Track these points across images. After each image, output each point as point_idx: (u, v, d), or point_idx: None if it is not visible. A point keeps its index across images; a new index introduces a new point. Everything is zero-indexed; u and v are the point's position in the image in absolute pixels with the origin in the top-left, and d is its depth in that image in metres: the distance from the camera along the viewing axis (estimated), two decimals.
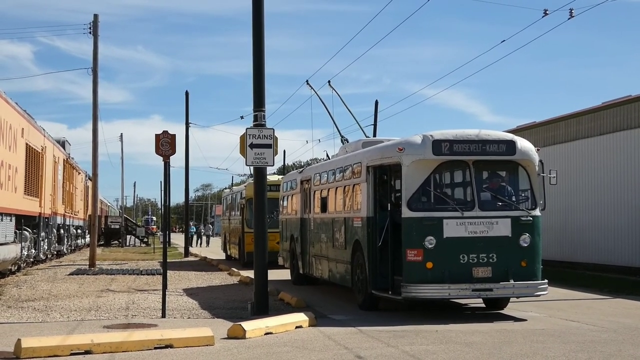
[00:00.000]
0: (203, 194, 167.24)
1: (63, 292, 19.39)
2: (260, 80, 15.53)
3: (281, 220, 24.65)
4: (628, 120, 25.33)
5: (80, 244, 47.96)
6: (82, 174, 47.40)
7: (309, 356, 10.37)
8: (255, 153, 15.20)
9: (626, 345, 11.21)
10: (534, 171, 14.74)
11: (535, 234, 14.42)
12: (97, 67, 32.61)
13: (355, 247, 16.04)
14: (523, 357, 10.24)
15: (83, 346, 10.53)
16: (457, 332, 12.41)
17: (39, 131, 28.36)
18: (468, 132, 14.56)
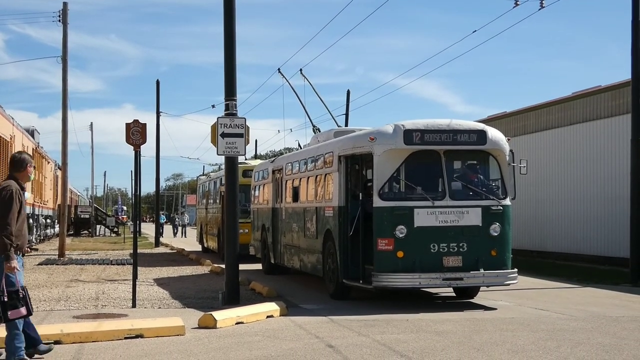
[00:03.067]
0: (174, 183, 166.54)
1: (32, 282, 19.22)
2: (232, 69, 15.46)
3: (253, 210, 24.59)
4: (597, 111, 25.54)
5: (50, 233, 47.59)
6: (51, 163, 47.00)
7: (280, 345, 10.37)
8: (226, 142, 15.12)
9: (594, 334, 11.32)
10: (505, 161, 14.81)
11: (506, 223, 14.50)
12: (66, 55, 32.29)
13: (326, 237, 16.05)
14: (493, 345, 10.31)
15: (52, 336, 10.44)
16: (427, 321, 12.46)
17: (7, 120, 28.07)
18: (439, 121, 14.60)
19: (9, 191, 8.92)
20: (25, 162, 9.40)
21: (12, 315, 8.79)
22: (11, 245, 8.76)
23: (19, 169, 9.35)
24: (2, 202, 8.85)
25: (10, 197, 8.88)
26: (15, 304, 8.80)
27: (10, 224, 8.79)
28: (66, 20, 32.70)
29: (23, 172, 9.36)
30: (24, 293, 8.88)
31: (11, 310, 8.77)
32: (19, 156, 9.48)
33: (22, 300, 8.84)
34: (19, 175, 9.32)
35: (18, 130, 30.88)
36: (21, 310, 8.83)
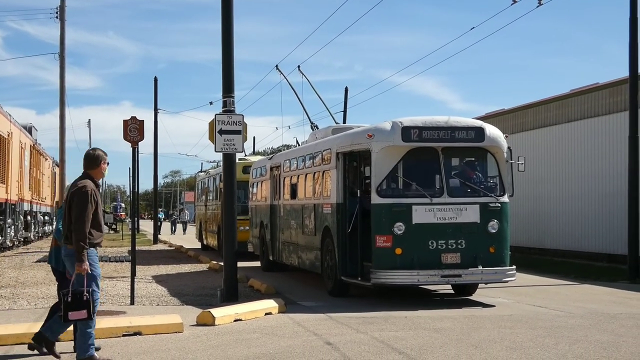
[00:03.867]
0: (172, 180, 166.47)
1: (30, 279, 19.23)
2: (230, 65, 15.44)
3: (251, 207, 24.59)
4: (595, 108, 25.56)
5: (48, 230, 47.57)
6: (49, 160, 47.00)
7: (278, 342, 10.37)
8: (224, 139, 15.11)
9: (592, 331, 11.32)
10: (503, 158, 14.82)
11: (504, 220, 14.50)
12: (64, 52, 32.28)
13: (324, 234, 16.05)
14: (491, 342, 10.32)
15: None
16: (426, 318, 12.47)
17: (5, 117, 28.07)
18: (437, 118, 14.60)
19: (84, 191, 8.96)
20: (100, 159, 9.40)
21: (72, 316, 8.86)
22: (84, 248, 8.79)
23: (93, 166, 9.38)
24: (79, 202, 8.90)
25: (86, 198, 8.92)
26: (78, 306, 8.83)
27: (85, 225, 8.84)
28: (64, 16, 32.69)
29: (97, 169, 9.39)
30: (87, 297, 8.87)
31: (72, 312, 8.82)
32: (93, 153, 9.46)
33: (85, 303, 8.85)
34: (93, 172, 9.36)
35: (15, 127, 30.87)
36: (83, 312, 8.85)
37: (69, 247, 9.00)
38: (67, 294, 8.79)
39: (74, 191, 9.02)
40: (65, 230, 9.06)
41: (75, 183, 9.19)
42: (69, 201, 9.06)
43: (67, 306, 8.79)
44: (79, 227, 8.79)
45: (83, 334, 8.96)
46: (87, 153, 9.47)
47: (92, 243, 8.96)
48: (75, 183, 9.21)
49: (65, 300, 8.79)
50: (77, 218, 8.83)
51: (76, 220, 8.83)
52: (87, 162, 9.37)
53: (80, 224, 8.81)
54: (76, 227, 8.81)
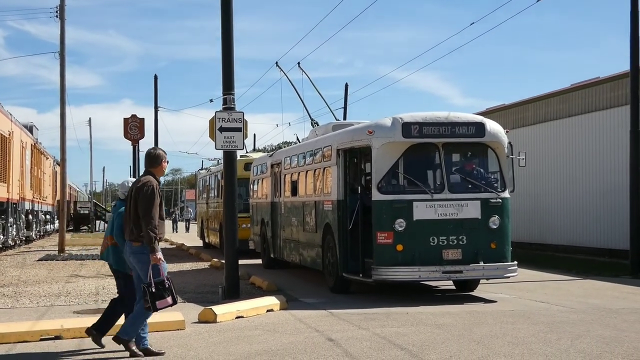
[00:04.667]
0: (173, 178, 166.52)
1: (32, 278, 19.24)
2: (229, 63, 15.43)
3: (252, 204, 24.58)
4: (596, 102, 25.54)
5: (49, 229, 47.62)
6: (50, 158, 47.00)
7: (280, 339, 10.37)
8: (224, 137, 15.10)
9: (594, 326, 11.32)
10: (503, 153, 14.80)
11: (505, 215, 14.49)
12: (64, 51, 32.25)
13: (325, 231, 16.04)
14: (493, 338, 10.31)
15: (53, 331, 10.47)
16: (427, 314, 12.47)
17: (5, 116, 28.07)
18: (437, 114, 14.59)
19: (150, 186, 9.20)
20: (161, 157, 9.62)
21: (160, 304, 9.11)
22: (156, 238, 9.05)
23: (154, 164, 9.59)
24: (145, 197, 9.13)
25: (152, 192, 9.16)
26: (162, 294, 9.11)
27: (154, 217, 9.09)
28: (63, 15, 32.65)
29: (158, 167, 9.60)
30: (169, 283, 9.17)
31: (159, 301, 9.07)
32: (154, 152, 9.66)
33: (167, 290, 9.14)
34: (154, 170, 9.57)
35: (16, 126, 30.87)
36: (167, 299, 9.14)
37: (134, 244, 9.24)
38: (149, 285, 9.03)
39: (139, 187, 9.25)
40: (130, 228, 9.28)
41: (139, 180, 9.43)
42: (134, 198, 9.25)
43: (152, 297, 9.03)
44: (148, 220, 9.06)
45: (134, 322, 9.24)
46: (148, 152, 9.69)
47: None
48: (139, 180, 9.45)
49: (150, 292, 9.02)
50: (145, 212, 9.09)
51: (145, 214, 9.08)
52: (148, 160, 9.60)
53: (148, 217, 9.06)
54: (145, 220, 9.07)
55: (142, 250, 9.17)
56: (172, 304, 9.25)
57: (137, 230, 9.20)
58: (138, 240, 9.19)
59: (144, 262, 9.19)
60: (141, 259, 9.21)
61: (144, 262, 9.19)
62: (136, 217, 9.20)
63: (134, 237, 9.24)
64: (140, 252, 9.19)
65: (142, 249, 9.18)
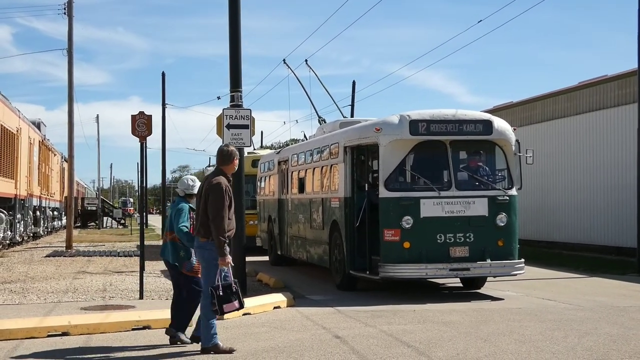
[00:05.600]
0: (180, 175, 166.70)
1: (40, 274, 19.28)
2: (237, 60, 15.43)
3: (259, 201, 24.60)
4: (604, 100, 25.47)
5: (57, 225, 47.71)
6: (58, 155, 47.07)
7: (287, 336, 10.38)
8: (232, 134, 15.12)
9: (602, 324, 11.31)
10: (511, 151, 14.78)
11: (512, 213, 14.47)
12: (72, 48, 32.31)
13: (332, 228, 16.05)
14: (500, 335, 10.31)
15: (60, 328, 10.50)
16: (434, 312, 12.47)
17: (13, 112, 28.13)
18: (445, 112, 14.57)
19: (219, 188, 9.19)
20: (233, 155, 9.62)
21: (227, 308, 9.15)
22: (225, 242, 9.05)
23: (226, 162, 9.60)
24: (214, 199, 9.14)
25: (222, 194, 9.17)
26: (229, 297, 9.12)
27: (224, 221, 9.09)
28: (71, 13, 32.72)
29: (230, 165, 9.61)
30: (236, 287, 9.18)
31: (226, 304, 9.10)
32: (226, 150, 9.65)
33: (235, 294, 9.15)
34: (225, 168, 9.58)
35: (24, 122, 30.94)
36: (235, 303, 9.17)
37: (201, 239, 9.28)
38: (217, 288, 9.05)
39: (209, 187, 9.26)
40: (198, 224, 9.34)
41: (210, 179, 9.42)
42: (204, 197, 9.28)
43: (220, 300, 9.05)
44: (217, 224, 9.06)
45: (206, 325, 9.23)
46: (220, 149, 9.69)
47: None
48: (209, 179, 9.45)
49: (217, 295, 9.04)
50: (215, 214, 9.09)
51: (214, 216, 9.08)
52: (220, 158, 9.62)
53: (218, 219, 9.07)
54: (215, 223, 9.06)
55: (206, 246, 9.21)
56: (238, 308, 9.27)
57: (203, 229, 9.23)
58: (204, 237, 9.23)
59: (205, 258, 9.26)
60: (203, 255, 9.27)
61: (205, 259, 9.26)
62: (204, 216, 9.22)
63: (200, 234, 9.30)
64: (204, 247, 9.23)
65: (206, 244, 9.21)
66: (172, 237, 9.99)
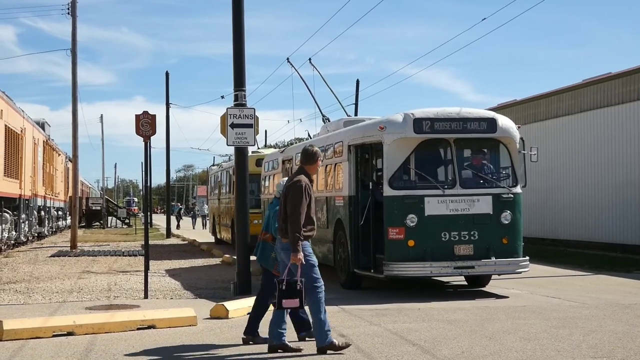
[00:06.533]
0: (185, 174, 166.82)
1: (45, 274, 19.31)
2: (241, 60, 15.44)
3: (263, 200, 24.59)
4: (608, 98, 25.43)
5: (61, 225, 47.73)
6: (62, 155, 47.12)
7: (292, 335, 10.37)
8: (236, 133, 15.14)
9: (607, 321, 11.29)
10: (515, 149, 14.77)
11: (517, 211, 14.46)
12: (76, 48, 32.33)
13: (337, 226, 16.05)
14: (505, 333, 10.30)
15: (65, 327, 10.50)
16: (439, 310, 12.46)
17: (18, 113, 28.16)
18: (449, 110, 14.56)
19: (299, 186, 9.22)
20: (317, 155, 9.63)
21: (286, 304, 9.14)
22: (300, 239, 9.07)
23: (310, 161, 9.62)
24: (294, 196, 9.18)
25: (300, 192, 9.18)
26: (291, 294, 9.11)
27: (300, 218, 9.11)
28: (75, 13, 32.74)
29: (313, 165, 9.62)
30: (300, 285, 9.15)
31: (286, 300, 9.11)
32: (311, 149, 9.67)
33: (298, 292, 9.13)
34: (309, 167, 9.61)
35: (28, 122, 30.97)
36: (295, 300, 9.14)
37: (283, 240, 9.33)
38: (282, 282, 9.09)
39: (290, 185, 9.32)
40: (280, 223, 9.39)
41: (291, 178, 9.48)
42: (284, 195, 9.35)
43: (281, 294, 9.08)
44: (294, 220, 9.10)
45: (319, 323, 9.24)
46: (305, 149, 9.72)
47: (305, 235, 9.22)
48: (291, 178, 9.51)
49: (280, 289, 9.07)
50: (292, 211, 9.13)
51: (291, 213, 9.13)
52: (304, 157, 9.65)
53: (295, 216, 9.10)
54: (292, 220, 9.11)
55: (290, 247, 9.23)
56: (298, 307, 9.21)
57: (285, 227, 9.27)
58: (287, 237, 9.25)
59: (288, 260, 9.26)
60: (288, 255, 9.27)
61: (289, 259, 9.25)
62: (285, 215, 9.28)
63: (282, 234, 9.34)
64: (289, 248, 9.24)
65: (289, 245, 9.22)
66: (265, 238, 10.06)
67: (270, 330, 9.41)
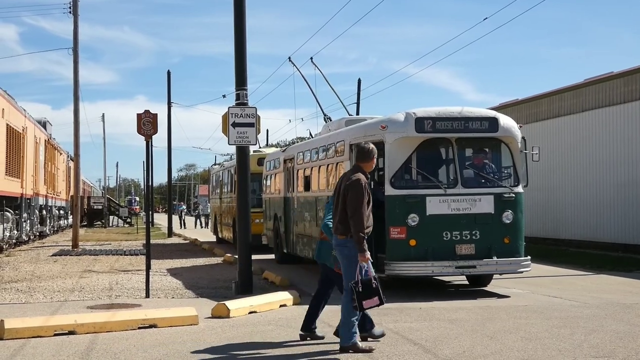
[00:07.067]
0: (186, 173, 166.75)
1: (46, 273, 19.32)
2: (242, 58, 15.44)
3: (264, 199, 24.60)
4: (610, 97, 25.41)
5: (63, 224, 47.75)
6: (64, 154, 47.13)
7: (293, 334, 10.38)
8: (237, 132, 15.13)
9: (608, 321, 11.28)
10: (517, 148, 14.76)
11: (518, 210, 14.45)
12: (77, 47, 32.33)
13: None
14: (506, 333, 10.30)
15: (66, 327, 10.50)
16: (440, 309, 12.45)
17: (19, 112, 28.16)
18: (451, 109, 14.55)
19: (359, 184, 9.20)
20: (373, 153, 9.63)
21: (367, 304, 9.08)
22: (365, 238, 9.04)
23: (366, 159, 9.60)
24: (354, 195, 9.15)
25: (361, 191, 9.16)
26: (369, 293, 9.07)
27: (363, 217, 9.09)
28: (77, 12, 32.74)
29: (370, 162, 9.61)
30: (376, 283, 9.12)
31: (365, 300, 9.04)
32: (367, 147, 9.66)
33: (375, 290, 9.09)
34: (364, 165, 9.58)
35: (30, 121, 30.98)
36: (375, 299, 9.10)
37: (339, 237, 9.30)
38: (357, 284, 9.03)
39: (349, 184, 9.28)
40: (336, 222, 9.36)
41: (349, 176, 9.45)
42: (343, 194, 9.31)
43: (359, 296, 9.02)
44: (356, 219, 9.06)
45: (346, 323, 9.22)
46: (362, 146, 9.69)
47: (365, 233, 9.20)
48: (348, 176, 9.48)
49: (357, 291, 9.01)
50: (354, 211, 9.09)
51: (353, 212, 9.09)
52: (360, 155, 9.63)
53: (357, 215, 9.07)
54: (354, 219, 9.07)
55: (345, 243, 9.22)
56: (379, 304, 9.17)
57: (342, 226, 9.24)
58: (343, 234, 9.24)
59: (345, 255, 9.25)
60: (343, 252, 9.27)
61: (345, 256, 9.26)
62: (343, 213, 9.24)
63: (338, 232, 9.31)
64: (343, 245, 9.23)
65: (345, 242, 9.21)
66: (323, 237, 10.07)
67: (340, 331, 9.37)
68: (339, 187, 9.49)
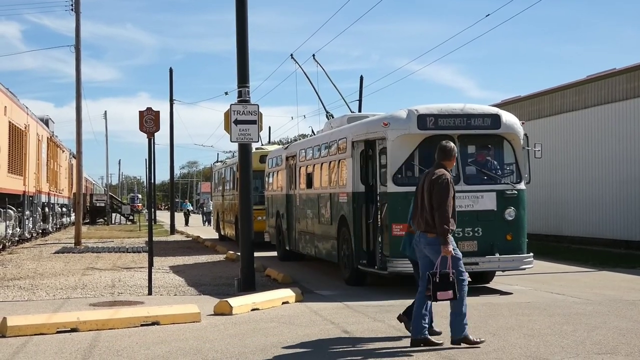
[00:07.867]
0: (189, 171, 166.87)
1: (49, 270, 19.33)
2: (244, 56, 15.43)
3: (267, 196, 24.60)
4: (612, 94, 25.38)
5: (66, 222, 47.80)
6: (66, 152, 47.15)
7: (295, 332, 10.39)
8: (239, 129, 15.13)
9: (611, 317, 11.28)
10: (519, 145, 14.74)
11: (521, 207, 14.44)
12: (79, 44, 32.32)
13: (341, 223, 16.03)
14: (509, 330, 10.29)
15: (69, 324, 10.52)
16: (442, 306, 12.42)
17: (22, 109, 28.17)
18: (453, 106, 14.54)
19: (445, 179, 9.36)
20: (453, 151, 9.79)
21: (441, 296, 9.16)
22: (449, 231, 9.18)
23: (448, 157, 9.74)
24: (440, 190, 9.29)
25: (447, 185, 9.32)
26: (445, 286, 9.15)
27: (448, 211, 9.23)
28: (79, 9, 32.73)
29: (451, 160, 9.77)
30: (453, 277, 9.18)
31: (440, 292, 9.13)
32: (448, 146, 9.78)
33: (451, 284, 9.15)
34: (447, 162, 9.73)
35: (32, 119, 30.99)
36: (449, 292, 9.17)
37: (429, 235, 9.40)
38: (434, 275, 9.12)
39: (434, 180, 9.40)
40: (423, 221, 9.45)
41: (433, 172, 9.56)
42: (428, 190, 9.40)
43: (435, 287, 9.12)
44: (442, 214, 9.20)
45: (458, 315, 9.28)
46: (443, 145, 9.80)
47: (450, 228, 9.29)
48: (432, 172, 9.58)
49: (433, 282, 9.11)
50: (439, 205, 9.24)
51: (439, 207, 9.23)
52: (442, 153, 9.74)
53: (443, 210, 9.21)
54: (439, 213, 9.20)
55: (437, 241, 9.28)
56: (452, 298, 9.21)
57: (432, 222, 9.32)
58: (432, 232, 9.31)
59: (438, 252, 9.29)
60: (435, 249, 9.32)
61: (438, 253, 9.29)
62: (430, 209, 9.32)
63: (428, 229, 9.38)
64: (435, 242, 9.29)
65: (436, 240, 9.27)
66: (411, 230, 10.08)
67: (413, 324, 9.45)
68: (422, 184, 9.59)
